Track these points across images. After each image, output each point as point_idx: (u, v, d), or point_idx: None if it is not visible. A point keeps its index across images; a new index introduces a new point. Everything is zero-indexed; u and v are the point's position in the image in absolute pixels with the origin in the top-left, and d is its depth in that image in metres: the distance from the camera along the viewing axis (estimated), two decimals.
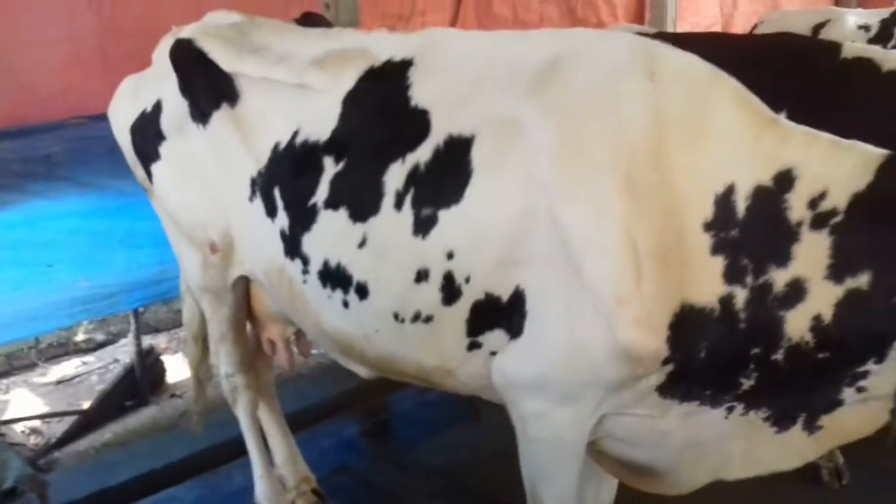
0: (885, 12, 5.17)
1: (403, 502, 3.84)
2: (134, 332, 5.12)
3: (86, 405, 4.91)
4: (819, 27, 5.13)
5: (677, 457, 2.35)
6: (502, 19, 5.94)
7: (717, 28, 8.15)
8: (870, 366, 2.01)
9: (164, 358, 5.42)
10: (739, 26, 7.46)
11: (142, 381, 5.08)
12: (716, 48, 4.23)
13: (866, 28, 5.06)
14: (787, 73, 3.71)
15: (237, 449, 3.76)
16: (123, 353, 5.60)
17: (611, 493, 2.84)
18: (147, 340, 5.62)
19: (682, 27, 7.59)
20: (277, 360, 3.39)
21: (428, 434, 4.45)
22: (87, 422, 4.76)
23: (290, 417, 4.55)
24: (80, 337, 5.79)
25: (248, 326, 3.38)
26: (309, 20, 3.14)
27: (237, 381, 3.41)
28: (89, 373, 5.55)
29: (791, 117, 2.22)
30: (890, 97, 3.40)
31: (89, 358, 5.74)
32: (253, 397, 3.47)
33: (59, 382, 5.36)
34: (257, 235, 2.75)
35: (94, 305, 4.49)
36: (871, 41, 4.99)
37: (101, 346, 5.83)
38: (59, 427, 4.65)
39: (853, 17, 5.16)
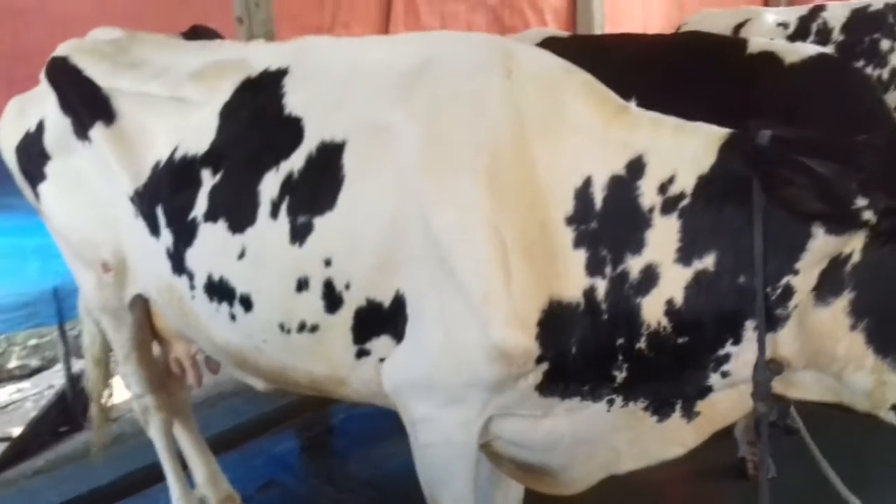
0: (804, 9, 5.25)
1: None
2: (63, 356, 5.06)
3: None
4: (739, 26, 5.19)
5: (569, 455, 2.35)
6: (430, 30, 5.95)
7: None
8: (729, 348, 2.01)
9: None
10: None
11: (74, 406, 5.00)
12: (629, 50, 4.33)
13: (785, 25, 5.12)
14: (696, 70, 3.77)
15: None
16: (60, 378, 5.52)
17: (518, 497, 2.82)
18: (82, 364, 5.55)
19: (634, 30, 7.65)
20: (188, 378, 3.33)
21: (361, 447, 4.42)
22: (17, 449, 4.68)
23: (224, 435, 4.54)
24: (13, 363, 5.71)
25: (157, 346, 3.34)
26: (198, 33, 3.11)
27: (147, 401, 3.36)
28: (24, 399, 5.47)
29: (698, 111, 2.23)
30: (791, 87, 3.47)
31: (25, 384, 5.66)
32: (165, 418, 3.42)
33: None
34: (146, 254, 2.72)
35: (10, 315, 4.46)
36: (790, 38, 5.06)
37: (36, 371, 5.76)
38: None
39: (772, 16, 5.23)
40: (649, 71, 3.86)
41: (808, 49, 3.65)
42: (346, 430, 4.70)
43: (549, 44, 4.52)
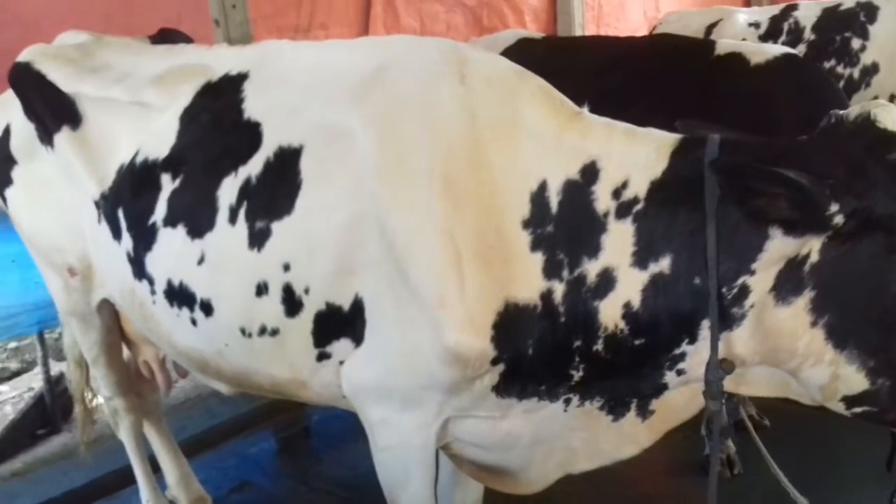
0: (775, 9, 5.27)
1: None
2: (41, 359, 5.07)
3: None
4: (712, 27, 5.23)
5: (527, 455, 2.37)
6: (410, 31, 5.93)
7: (643, 32, 8.25)
8: (684, 347, 2.04)
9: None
10: None
11: (52, 409, 5.02)
12: (600, 52, 4.36)
13: (756, 25, 5.15)
14: (664, 72, 3.81)
15: None
16: (39, 381, 5.51)
17: (477, 495, 2.85)
18: (61, 367, 5.55)
19: (607, 32, 7.67)
20: (157, 381, 3.34)
21: (336, 448, 4.43)
22: None
23: (200, 437, 4.57)
24: None
25: (127, 349, 3.35)
26: (166, 37, 3.12)
27: (117, 404, 3.38)
28: (3, 402, 5.47)
29: (666, 113, 2.26)
30: (756, 88, 3.51)
31: (3, 387, 5.66)
32: (134, 420, 3.44)
33: None
34: (110, 258, 2.73)
35: None
36: (762, 38, 5.10)
37: (16, 374, 5.76)
38: None
39: (743, 16, 5.26)
40: (618, 73, 3.90)
41: (774, 50, 3.70)
42: (322, 432, 4.72)
43: (523, 45, 4.56)
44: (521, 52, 4.29)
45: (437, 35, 5.94)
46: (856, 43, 4.77)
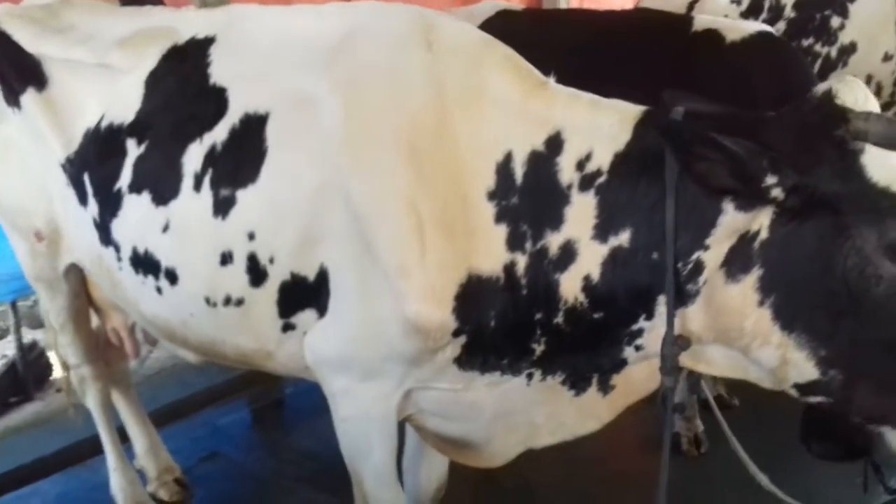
0: None
1: (270, 487, 3.83)
2: (14, 327, 5.03)
3: None
4: (694, 2, 5.18)
5: (490, 428, 2.37)
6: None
7: (628, 6, 8.20)
8: (642, 323, 2.04)
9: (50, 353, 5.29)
10: None
11: (24, 377, 4.99)
12: (578, 26, 4.32)
13: (738, 2, 5.10)
14: (640, 48, 3.78)
15: None
16: (12, 349, 5.48)
17: (442, 469, 2.86)
18: (34, 335, 5.51)
19: (591, 6, 7.62)
20: (126, 349, 3.32)
21: (309, 420, 4.41)
22: None
23: (172, 407, 4.55)
24: None
25: (95, 316, 3.32)
26: None
27: (84, 371, 3.35)
28: None
29: (643, 88, 2.23)
30: (730, 65, 3.49)
31: None
32: (101, 388, 3.41)
33: None
34: (77, 223, 2.70)
35: None
36: (743, 14, 5.06)
37: None
38: None
39: None
40: (596, 48, 3.87)
41: (750, 27, 3.68)
42: (295, 404, 4.70)
43: (503, 17, 4.49)
44: (500, 25, 4.25)
45: (424, 3, 5.88)
46: (835, 21, 4.71)
